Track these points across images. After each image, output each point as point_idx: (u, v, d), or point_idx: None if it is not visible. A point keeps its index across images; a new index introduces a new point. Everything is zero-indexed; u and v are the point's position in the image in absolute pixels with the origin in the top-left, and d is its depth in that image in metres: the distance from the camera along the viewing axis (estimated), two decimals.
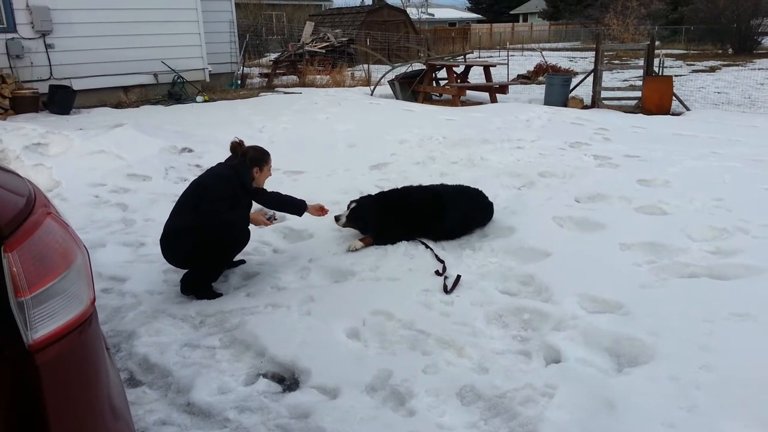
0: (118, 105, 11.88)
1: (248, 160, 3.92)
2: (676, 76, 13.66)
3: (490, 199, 4.92)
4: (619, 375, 2.78)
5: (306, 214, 4.31)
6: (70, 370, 1.38)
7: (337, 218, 4.52)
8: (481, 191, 4.91)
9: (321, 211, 4.36)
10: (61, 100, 10.67)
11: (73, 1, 11.29)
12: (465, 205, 4.70)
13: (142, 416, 2.65)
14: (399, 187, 4.97)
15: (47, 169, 6.24)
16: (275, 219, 4.22)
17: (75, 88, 11.18)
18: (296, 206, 4.26)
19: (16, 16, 10.79)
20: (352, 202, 4.65)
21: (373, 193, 4.89)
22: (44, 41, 11.14)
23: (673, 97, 11.27)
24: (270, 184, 4.29)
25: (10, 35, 10.74)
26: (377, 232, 4.50)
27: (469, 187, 4.97)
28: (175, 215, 3.81)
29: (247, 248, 4.48)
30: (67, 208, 5.43)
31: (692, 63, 21.87)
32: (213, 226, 3.67)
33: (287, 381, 2.91)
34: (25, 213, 1.33)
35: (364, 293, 3.70)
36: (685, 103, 11.47)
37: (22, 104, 10.47)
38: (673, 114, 10.97)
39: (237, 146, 3.98)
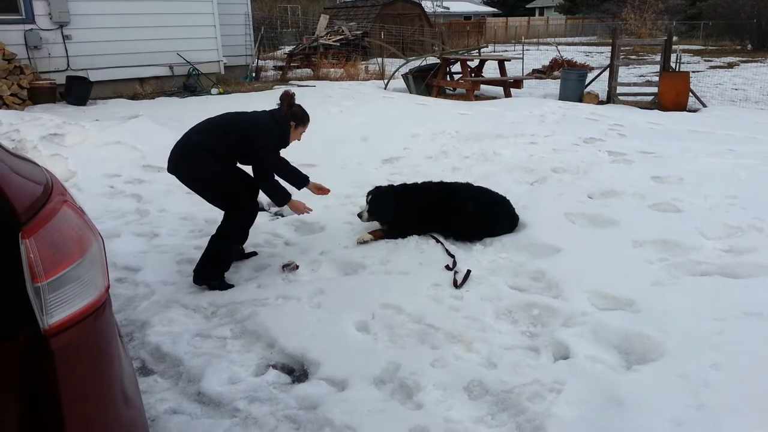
0: (134, 96, 11.98)
1: (291, 114, 3.91)
2: (693, 72, 13.51)
3: (513, 204, 4.71)
4: (627, 372, 2.77)
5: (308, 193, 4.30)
6: (84, 356, 1.41)
7: (359, 215, 4.55)
8: (508, 201, 4.70)
9: (320, 190, 4.31)
10: (78, 91, 10.78)
11: None
12: (486, 210, 4.53)
13: (153, 404, 2.69)
14: (421, 181, 4.86)
15: (63, 160, 6.31)
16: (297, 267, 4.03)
17: (92, 79, 11.28)
18: (299, 179, 4.24)
19: (35, 7, 10.91)
20: (368, 193, 4.65)
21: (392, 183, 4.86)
22: (62, 32, 11.25)
23: (690, 94, 11.14)
24: None
25: (28, 26, 10.86)
26: (392, 222, 4.52)
27: (497, 193, 4.76)
28: (207, 135, 3.75)
29: (259, 240, 4.54)
30: (82, 198, 5.50)
31: (710, 59, 21.58)
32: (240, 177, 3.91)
33: (296, 372, 2.94)
34: (42, 200, 1.36)
35: (375, 286, 3.72)
36: (702, 99, 11.34)
37: (39, 95, 10.60)
38: (689, 110, 10.85)
39: (290, 98, 3.93)
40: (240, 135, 3.74)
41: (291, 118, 3.92)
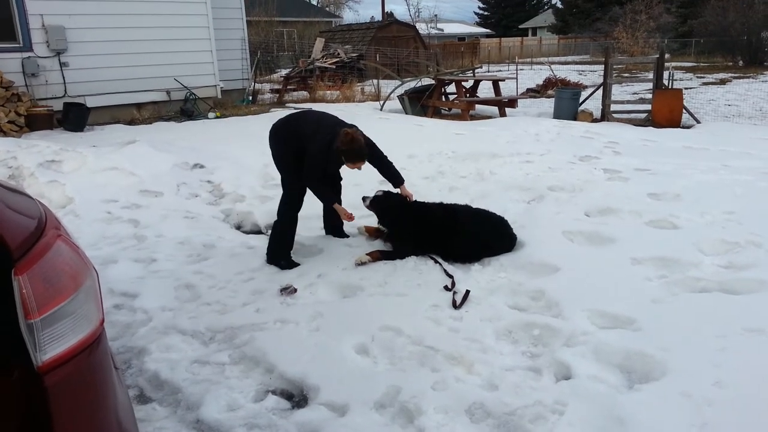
0: (132, 122, 12.02)
1: (341, 151, 4.18)
2: (686, 88, 13.63)
3: (510, 223, 4.73)
4: (630, 392, 2.75)
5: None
6: (79, 392, 1.39)
7: (363, 198, 4.76)
8: (505, 220, 4.73)
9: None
10: (75, 118, 10.81)
11: (87, 19, 11.48)
12: (484, 231, 4.54)
13: None
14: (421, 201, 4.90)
15: (61, 186, 6.31)
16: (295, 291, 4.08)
17: (89, 105, 11.32)
18: (394, 178, 4.64)
19: (32, 35, 10.99)
20: (379, 190, 4.81)
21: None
22: (59, 59, 11.32)
23: (684, 110, 11.23)
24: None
25: (26, 54, 10.93)
26: (390, 233, 4.69)
27: (494, 213, 4.79)
28: (287, 128, 4.46)
29: (256, 264, 4.53)
30: (79, 224, 5.49)
31: (702, 75, 21.81)
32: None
33: (296, 398, 2.91)
34: (36, 235, 1.35)
35: (373, 309, 3.70)
36: (696, 115, 11.42)
37: (36, 122, 10.62)
38: (683, 127, 10.93)
39: (346, 136, 4.15)
40: (299, 144, 4.32)
41: (342, 154, 4.22)
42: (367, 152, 4.27)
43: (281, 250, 4.58)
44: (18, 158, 6.78)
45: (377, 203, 4.73)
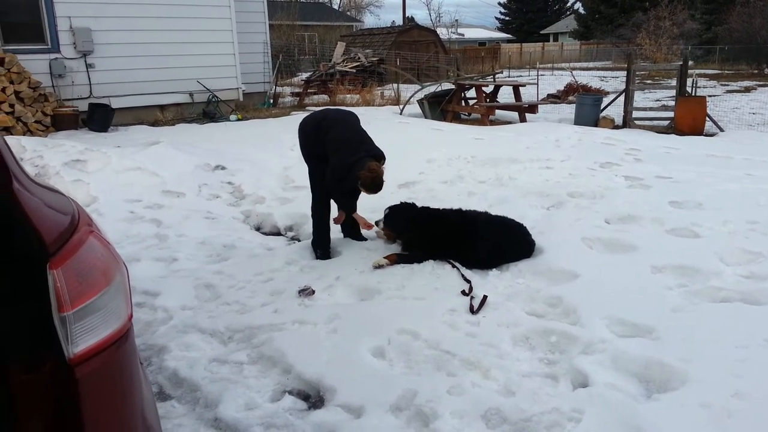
0: (155, 123, 12.21)
1: (359, 178, 4.25)
2: (709, 96, 13.45)
3: (529, 229, 4.70)
4: (648, 401, 2.73)
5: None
6: (108, 384, 1.43)
7: (376, 222, 4.77)
8: (524, 226, 4.69)
9: (365, 225, 4.75)
10: (100, 118, 11.02)
11: (113, 22, 11.71)
12: (502, 238, 4.50)
13: (170, 430, 2.70)
14: (440, 207, 4.90)
15: (85, 185, 6.44)
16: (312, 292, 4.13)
17: (113, 106, 11.54)
18: (348, 207, 4.72)
19: (60, 37, 11.24)
20: (387, 208, 4.79)
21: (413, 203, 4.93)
22: (85, 61, 11.56)
23: (707, 118, 11.09)
24: (299, 199, 4.45)
25: (53, 55, 11.18)
26: (404, 237, 4.65)
27: (512, 220, 4.75)
28: (314, 130, 4.57)
29: (275, 265, 4.57)
30: (103, 223, 5.55)
31: (726, 83, 21.50)
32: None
33: (312, 398, 2.94)
34: (70, 231, 1.40)
35: (390, 312, 3.71)
36: (719, 123, 11.27)
37: (62, 122, 10.85)
38: (706, 135, 10.79)
39: (368, 171, 4.22)
40: (323, 151, 4.46)
41: (362, 184, 4.31)
42: (382, 188, 4.36)
43: (319, 239, 4.82)
44: (44, 157, 6.92)
45: (389, 221, 4.73)
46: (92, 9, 11.43)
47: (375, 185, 4.29)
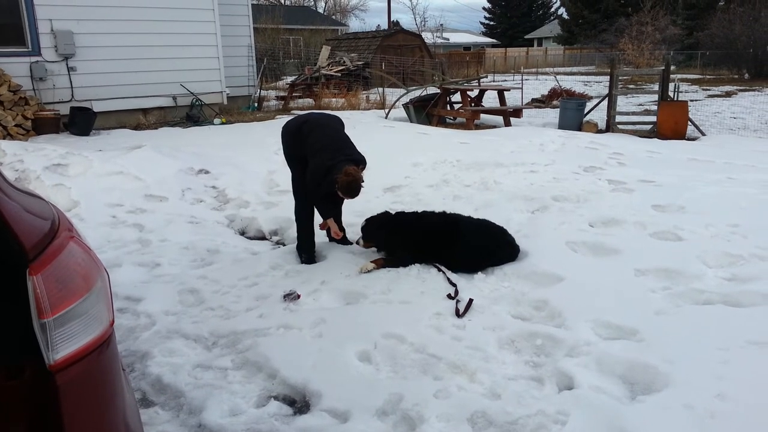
0: (138, 127, 12.10)
1: (337, 182, 4.22)
2: (691, 101, 13.66)
3: (507, 228, 4.72)
4: (632, 403, 2.74)
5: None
6: (89, 391, 1.41)
7: (357, 241, 4.73)
8: (505, 230, 4.69)
9: (335, 233, 4.76)
10: (81, 122, 10.90)
11: (95, 25, 11.60)
12: (484, 241, 4.49)
13: None
14: (419, 210, 4.91)
15: (66, 189, 6.35)
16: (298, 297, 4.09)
17: (95, 110, 11.42)
18: (325, 211, 4.64)
19: (41, 40, 11.10)
20: (364, 221, 4.74)
21: (391, 211, 4.91)
22: (67, 64, 11.43)
23: (689, 122, 11.24)
24: (283, 203, 4.41)
25: (34, 58, 11.04)
26: (386, 248, 4.61)
27: (494, 223, 4.74)
28: (298, 132, 4.56)
29: (260, 269, 4.54)
30: (84, 228, 5.51)
31: (708, 88, 21.81)
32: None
33: (298, 404, 2.92)
34: (50, 237, 1.38)
35: (376, 316, 3.71)
36: (701, 128, 11.43)
37: (43, 125, 10.71)
38: (688, 139, 10.93)
39: (344, 176, 4.18)
40: (303, 153, 4.49)
41: (339, 188, 4.26)
42: (359, 192, 4.33)
43: (303, 243, 4.82)
44: (24, 161, 6.82)
45: (367, 234, 4.67)
46: (74, 12, 11.31)
47: (351, 189, 4.25)
